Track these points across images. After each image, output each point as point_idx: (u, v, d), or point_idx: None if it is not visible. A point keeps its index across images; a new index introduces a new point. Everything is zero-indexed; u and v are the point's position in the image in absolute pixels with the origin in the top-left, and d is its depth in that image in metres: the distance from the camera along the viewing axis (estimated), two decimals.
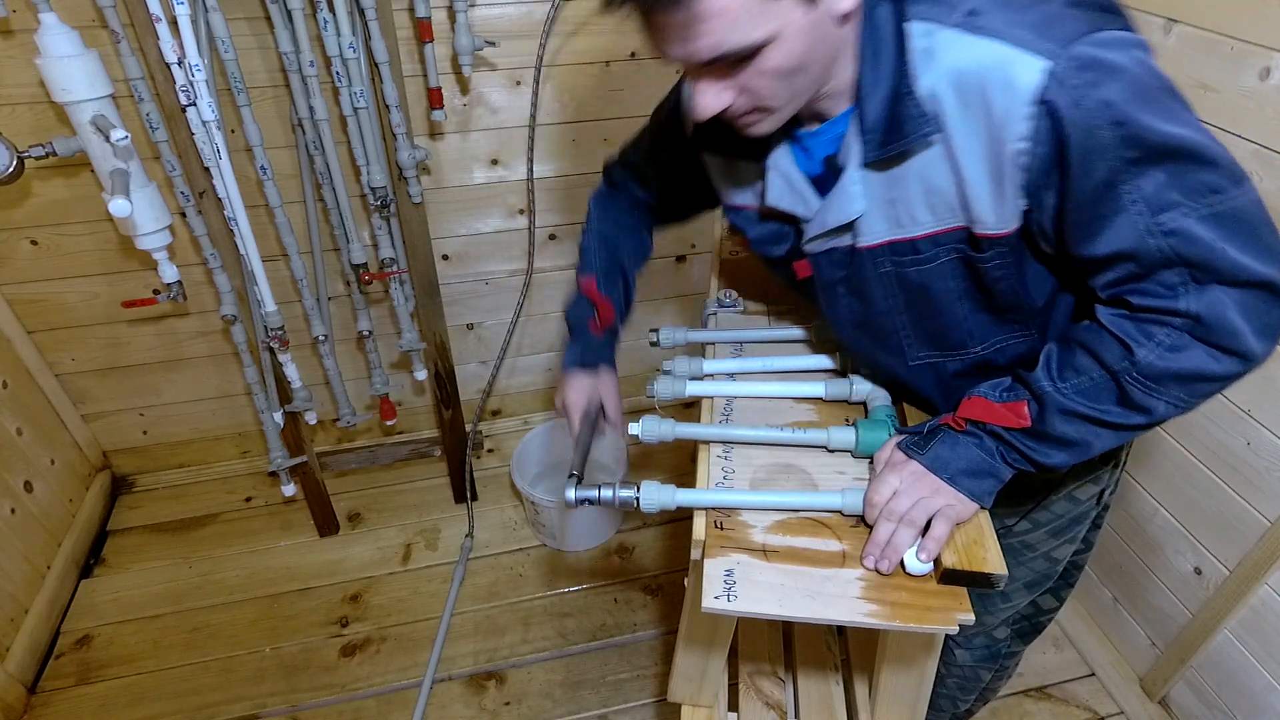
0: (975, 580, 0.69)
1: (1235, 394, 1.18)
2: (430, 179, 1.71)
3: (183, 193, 1.43)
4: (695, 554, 0.75)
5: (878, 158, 0.69)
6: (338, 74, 1.38)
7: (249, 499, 1.99)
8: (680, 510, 0.80)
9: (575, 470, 0.84)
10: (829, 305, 0.85)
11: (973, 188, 0.66)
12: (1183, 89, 0.62)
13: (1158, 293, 0.63)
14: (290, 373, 1.62)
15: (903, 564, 0.71)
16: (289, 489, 1.81)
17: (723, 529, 0.76)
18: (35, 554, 1.66)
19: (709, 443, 0.87)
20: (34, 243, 1.60)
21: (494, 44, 1.50)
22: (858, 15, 0.66)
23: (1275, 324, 0.63)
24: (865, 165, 0.71)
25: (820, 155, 0.77)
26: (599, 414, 0.96)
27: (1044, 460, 0.72)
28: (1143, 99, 0.59)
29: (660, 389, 0.93)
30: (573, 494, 0.81)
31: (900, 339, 0.82)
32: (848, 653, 1.06)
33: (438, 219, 1.76)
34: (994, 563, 0.70)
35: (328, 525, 1.88)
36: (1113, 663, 1.54)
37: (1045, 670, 1.58)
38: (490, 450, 2.13)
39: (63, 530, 1.77)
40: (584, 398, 0.95)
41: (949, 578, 0.70)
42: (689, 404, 1.02)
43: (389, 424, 1.92)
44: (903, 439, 0.78)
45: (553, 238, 1.88)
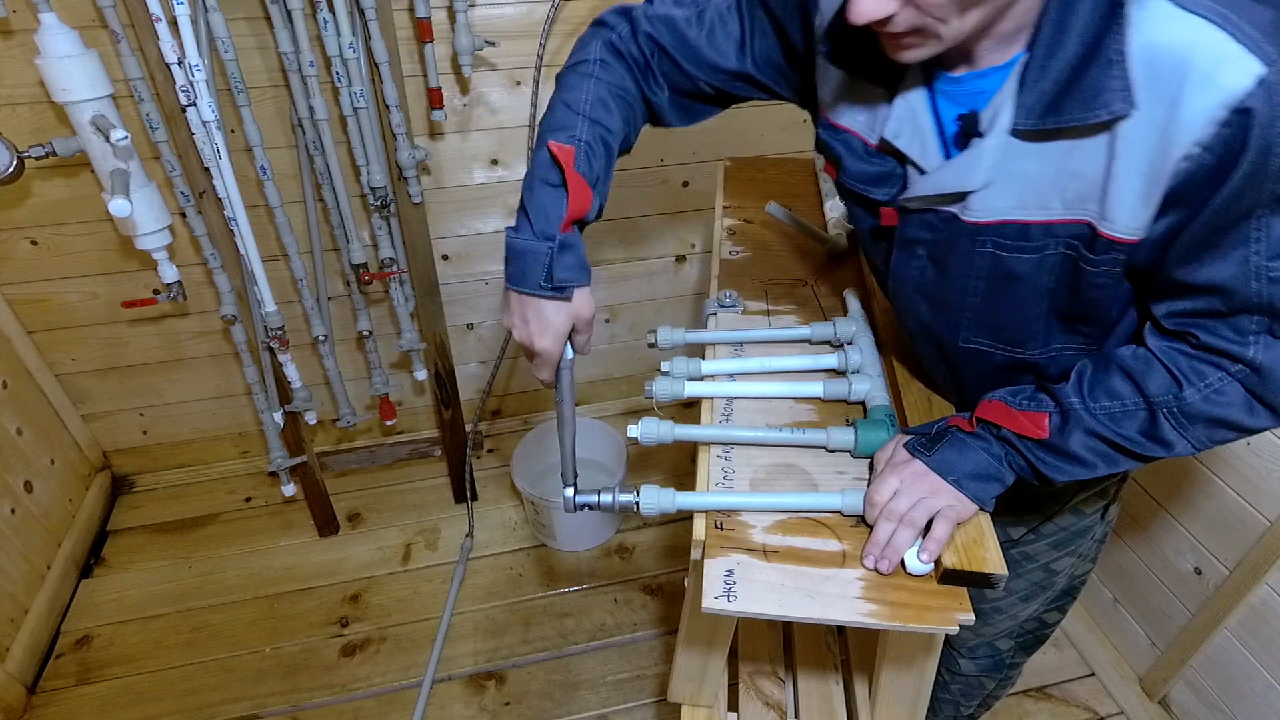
0: (975, 580, 0.69)
1: None
2: (430, 179, 1.71)
3: (183, 193, 1.43)
4: (695, 554, 0.75)
5: (1036, 127, 0.59)
6: (338, 74, 1.38)
7: (249, 499, 1.99)
8: (680, 511, 0.80)
9: (569, 480, 0.82)
10: (900, 262, 0.76)
11: (1122, 182, 0.58)
12: None
13: (1229, 336, 0.61)
14: (290, 373, 1.62)
15: (903, 564, 0.71)
16: (289, 489, 1.81)
17: (723, 529, 0.76)
18: (35, 554, 1.66)
19: (709, 444, 0.87)
20: (34, 243, 1.60)
21: (494, 44, 1.50)
22: None
23: None
24: (1013, 131, 0.61)
25: (956, 107, 0.66)
26: (573, 377, 0.76)
27: (1048, 474, 0.71)
28: None
29: (658, 390, 0.92)
30: (572, 500, 0.81)
31: (961, 319, 0.76)
32: (848, 653, 1.06)
33: (438, 219, 1.76)
34: (994, 563, 0.70)
35: (328, 525, 1.88)
36: (1113, 663, 1.54)
37: (1045, 670, 1.58)
38: (490, 450, 2.13)
39: (63, 530, 1.78)
40: (559, 341, 0.73)
41: (949, 578, 0.70)
42: (689, 404, 1.01)
43: (389, 424, 1.93)
44: (909, 439, 0.76)
45: None
